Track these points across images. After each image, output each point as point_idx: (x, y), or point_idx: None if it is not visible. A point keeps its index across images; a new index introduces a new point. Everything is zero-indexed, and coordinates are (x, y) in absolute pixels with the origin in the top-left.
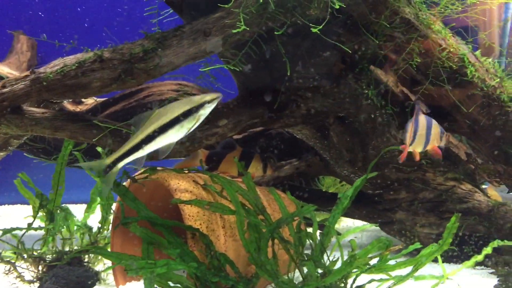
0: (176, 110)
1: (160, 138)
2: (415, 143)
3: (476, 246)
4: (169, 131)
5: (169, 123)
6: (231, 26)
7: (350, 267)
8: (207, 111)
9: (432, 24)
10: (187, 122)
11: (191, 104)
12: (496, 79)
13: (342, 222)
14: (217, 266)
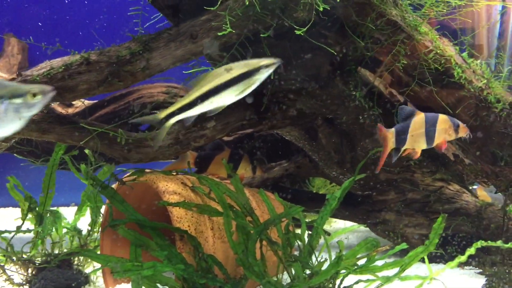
0: (233, 71)
1: (213, 98)
2: (409, 143)
3: (460, 247)
4: (223, 92)
5: (224, 84)
6: (218, 28)
7: (336, 268)
8: (263, 76)
9: (419, 26)
10: (242, 85)
11: (248, 67)
12: (483, 80)
13: (333, 223)
14: (205, 268)
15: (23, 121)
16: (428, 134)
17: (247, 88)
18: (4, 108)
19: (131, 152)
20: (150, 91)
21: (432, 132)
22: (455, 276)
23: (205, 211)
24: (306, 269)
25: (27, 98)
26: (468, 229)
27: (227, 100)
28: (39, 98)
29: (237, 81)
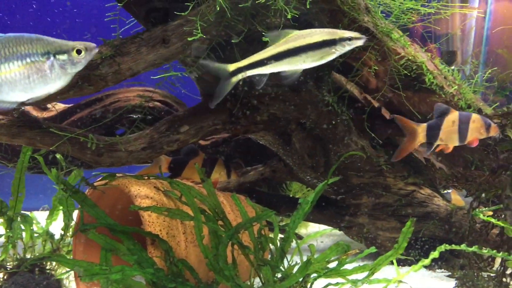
0: (316, 36)
1: (289, 59)
2: (441, 139)
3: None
4: (301, 54)
5: (304, 47)
6: (190, 33)
7: (305, 271)
8: (345, 49)
9: (390, 32)
10: (321, 52)
11: (332, 35)
12: (455, 86)
13: (310, 227)
14: (176, 272)
15: (69, 78)
16: (461, 131)
17: (326, 56)
18: (50, 64)
19: (102, 156)
20: (127, 95)
21: (465, 129)
22: (426, 279)
23: (176, 215)
24: (276, 273)
25: (72, 55)
26: (438, 233)
27: (303, 65)
28: (83, 55)
29: (318, 47)
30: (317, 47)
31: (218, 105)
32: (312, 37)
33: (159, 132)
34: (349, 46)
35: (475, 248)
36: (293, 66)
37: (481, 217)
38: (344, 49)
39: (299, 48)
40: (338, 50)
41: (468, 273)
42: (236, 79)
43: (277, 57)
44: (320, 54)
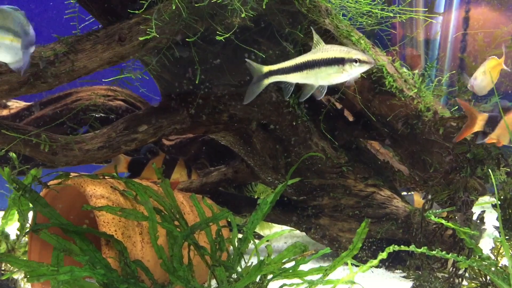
0: (329, 52)
1: (306, 72)
2: (496, 134)
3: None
4: (315, 69)
5: (318, 61)
6: (146, 32)
7: (259, 272)
8: (353, 71)
9: (350, 34)
10: (331, 69)
11: (342, 54)
12: (414, 89)
13: (274, 228)
14: (130, 273)
15: None
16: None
17: (334, 75)
18: None
19: (57, 155)
20: (89, 94)
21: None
22: (385, 279)
23: (131, 215)
24: (232, 273)
25: None
26: (397, 234)
27: (318, 80)
28: None
29: (327, 63)
30: (327, 64)
31: (178, 105)
32: (326, 52)
33: (116, 131)
34: (356, 68)
35: (424, 249)
36: (309, 80)
37: (433, 218)
38: (352, 71)
39: (314, 62)
40: (346, 71)
41: (423, 273)
42: (268, 81)
43: (297, 68)
44: (329, 71)
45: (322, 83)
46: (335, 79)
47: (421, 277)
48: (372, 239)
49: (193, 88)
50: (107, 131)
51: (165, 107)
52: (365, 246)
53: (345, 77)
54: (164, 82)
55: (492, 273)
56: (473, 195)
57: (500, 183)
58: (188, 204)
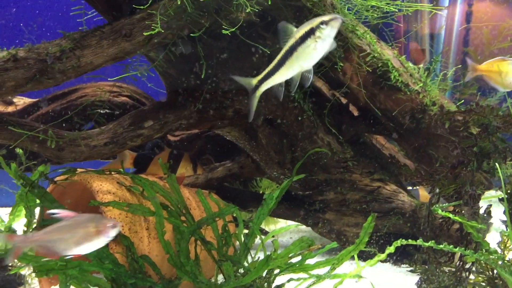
0: (299, 31)
1: (289, 63)
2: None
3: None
4: (294, 54)
5: (293, 45)
6: (151, 27)
7: (266, 266)
8: (326, 35)
9: (355, 28)
10: (307, 47)
11: (309, 25)
12: (420, 83)
13: (279, 223)
14: (137, 268)
15: None
16: None
17: (313, 50)
18: None
19: (64, 151)
20: (94, 90)
21: None
22: (391, 274)
23: (137, 210)
24: (239, 268)
25: None
26: (403, 228)
27: (302, 64)
28: None
29: (302, 41)
30: (301, 42)
31: (183, 100)
32: (296, 34)
33: (122, 126)
34: (326, 30)
35: (431, 243)
36: (295, 69)
37: (440, 212)
38: (325, 35)
39: (290, 48)
40: (319, 38)
41: (430, 268)
42: (259, 92)
43: (279, 64)
44: (306, 49)
45: (307, 65)
46: (315, 54)
47: (427, 271)
48: (380, 234)
49: (198, 83)
50: (113, 127)
51: (171, 103)
52: (372, 240)
53: (323, 46)
54: (170, 78)
55: (499, 266)
56: (479, 189)
57: (507, 176)
58: (194, 199)
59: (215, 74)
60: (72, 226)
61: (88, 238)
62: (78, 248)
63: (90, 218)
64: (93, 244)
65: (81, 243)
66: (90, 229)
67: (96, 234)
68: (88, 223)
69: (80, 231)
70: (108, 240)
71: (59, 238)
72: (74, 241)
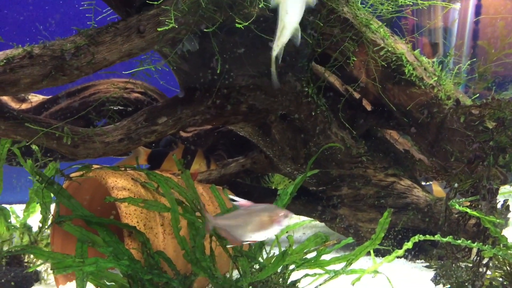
0: None
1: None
2: None
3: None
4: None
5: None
6: (165, 23)
7: (282, 262)
8: None
9: (369, 22)
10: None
11: None
12: (434, 77)
13: (292, 219)
14: (153, 264)
15: None
16: None
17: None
18: None
19: (78, 147)
20: (107, 86)
21: None
22: (406, 269)
23: (153, 206)
24: (254, 264)
25: None
26: (418, 224)
27: (290, 13)
28: None
29: None
30: None
31: (197, 96)
32: None
33: (136, 123)
34: None
35: (449, 239)
36: (286, 17)
37: (457, 207)
38: None
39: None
40: None
41: (446, 263)
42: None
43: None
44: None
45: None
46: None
47: (444, 266)
48: (395, 229)
49: (212, 79)
50: (127, 123)
51: (185, 99)
52: (388, 236)
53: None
54: (183, 74)
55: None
56: (495, 184)
57: None
58: (208, 195)
59: (229, 70)
60: (249, 214)
61: (263, 226)
62: (253, 235)
63: (264, 207)
64: (267, 232)
65: (256, 230)
66: (264, 218)
67: (269, 222)
68: (263, 212)
69: (256, 219)
70: (280, 228)
71: (237, 224)
72: (250, 228)
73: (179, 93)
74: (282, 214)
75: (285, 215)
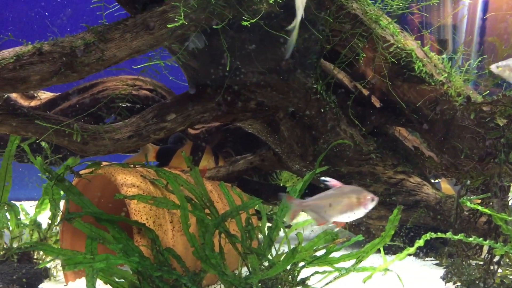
0: None
1: None
2: None
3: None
4: None
5: None
6: (175, 20)
7: (292, 259)
8: None
9: (379, 19)
10: None
11: None
12: (444, 74)
13: (299, 216)
14: (162, 261)
15: None
16: None
17: None
18: None
19: (88, 144)
20: (115, 84)
21: None
22: (416, 267)
23: (162, 203)
24: (264, 261)
25: None
26: (428, 221)
27: None
28: None
29: None
30: None
31: (206, 93)
32: None
33: (145, 120)
34: None
35: (461, 236)
36: None
37: (469, 204)
38: None
39: None
40: None
41: (456, 261)
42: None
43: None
44: None
45: None
46: None
47: (454, 264)
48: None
49: (221, 76)
50: (136, 120)
51: (193, 96)
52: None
53: None
54: (191, 71)
55: None
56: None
57: None
58: (217, 192)
59: (237, 67)
60: (338, 195)
61: (351, 207)
62: (341, 216)
63: (353, 189)
64: (354, 213)
65: (344, 211)
66: (353, 199)
67: (357, 204)
68: (352, 193)
69: (345, 200)
70: (366, 211)
71: (327, 205)
72: (338, 209)
73: (188, 90)
74: (370, 197)
75: (372, 198)
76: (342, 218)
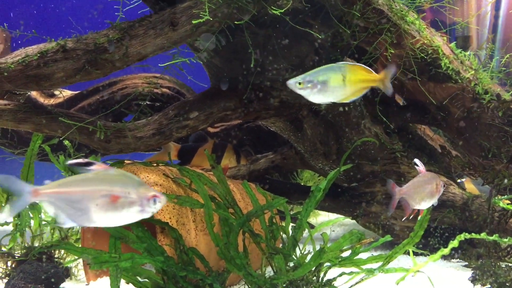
0: None
1: None
2: None
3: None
4: None
5: None
6: (199, 16)
7: (319, 260)
8: None
9: (405, 14)
10: None
11: None
12: (471, 71)
13: (319, 216)
14: (186, 261)
15: None
16: None
17: None
18: None
19: (111, 142)
20: (134, 82)
21: None
22: (441, 269)
23: (186, 202)
24: (289, 262)
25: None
26: (455, 221)
27: None
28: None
29: None
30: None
31: (228, 91)
32: None
33: (168, 118)
34: None
35: (495, 237)
36: None
37: (501, 205)
38: None
39: None
40: None
41: (486, 262)
42: None
43: None
44: None
45: None
46: None
47: (483, 265)
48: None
49: (244, 73)
50: (158, 118)
51: (216, 94)
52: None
53: None
54: (214, 68)
55: None
56: None
57: None
58: (238, 191)
59: (262, 64)
60: (426, 182)
61: (432, 194)
62: (423, 202)
63: (432, 176)
64: (432, 200)
65: (426, 198)
66: (433, 187)
67: (436, 192)
68: (433, 180)
69: (429, 187)
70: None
71: (415, 192)
72: (423, 195)
73: (209, 88)
74: (442, 183)
75: (444, 184)
76: (422, 205)
